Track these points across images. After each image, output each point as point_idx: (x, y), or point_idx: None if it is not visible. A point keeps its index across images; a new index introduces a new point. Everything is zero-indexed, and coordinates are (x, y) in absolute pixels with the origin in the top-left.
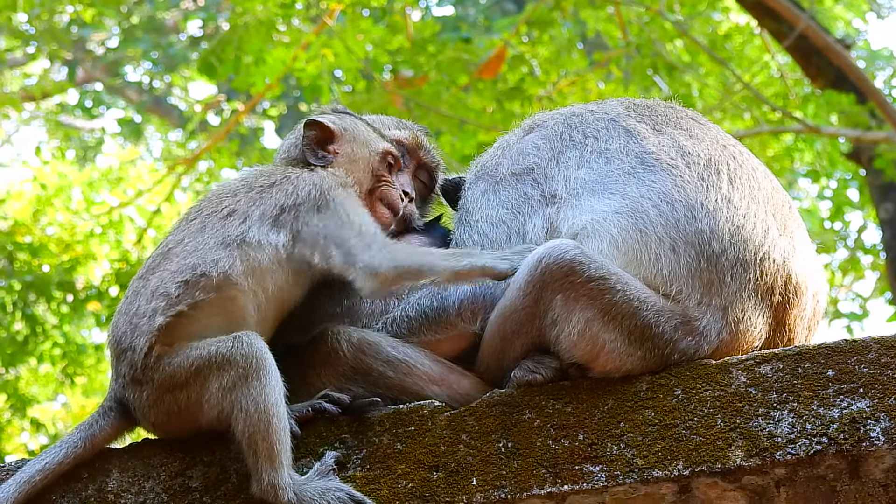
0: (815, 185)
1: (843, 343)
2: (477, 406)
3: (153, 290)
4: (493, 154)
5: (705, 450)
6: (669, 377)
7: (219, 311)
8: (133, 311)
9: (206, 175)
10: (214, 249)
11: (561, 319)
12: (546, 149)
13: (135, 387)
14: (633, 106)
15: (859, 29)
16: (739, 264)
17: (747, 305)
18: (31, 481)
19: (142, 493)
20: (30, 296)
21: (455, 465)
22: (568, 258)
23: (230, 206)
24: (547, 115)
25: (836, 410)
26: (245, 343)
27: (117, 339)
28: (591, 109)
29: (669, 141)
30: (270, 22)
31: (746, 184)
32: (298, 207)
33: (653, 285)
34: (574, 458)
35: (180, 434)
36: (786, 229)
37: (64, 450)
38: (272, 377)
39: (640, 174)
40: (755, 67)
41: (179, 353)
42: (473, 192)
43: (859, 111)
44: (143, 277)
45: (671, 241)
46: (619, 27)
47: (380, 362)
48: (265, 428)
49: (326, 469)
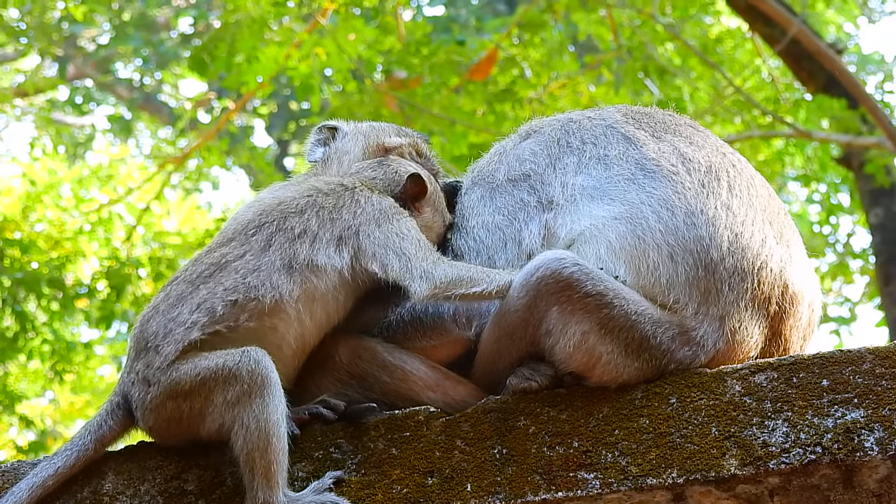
0: (806, 189)
1: (838, 353)
2: (472, 412)
3: (199, 303)
4: (490, 160)
5: (699, 458)
6: (664, 385)
7: (255, 338)
8: (173, 315)
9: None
10: (278, 273)
11: (556, 331)
12: (543, 155)
13: (143, 386)
14: (631, 113)
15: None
16: (737, 273)
17: (744, 315)
18: (45, 485)
19: (137, 496)
20: (19, 292)
21: (450, 471)
22: (566, 274)
23: (300, 226)
24: (544, 121)
25: (831, 420)
26: (252, 359)
27: (146, 336)
28: (588, 116)
29: (669, 147)
30: (262, 20)
31: (745, 191)
32: (361, 224)
33: (650, 294)
34: (569, 465)
35: (177, 442)
36: (782, 238)
37: (76, 453)
38: (276, 395)
39: (640, 180)
40: (746, 71)
41: (188, 360)
42: (470, 198)
43: (850, 116)
44: (192, 283)
45: (669, 249)
46: (611, 30)
47: (375, 367)
48: (264, 446)
49: (322, 488)
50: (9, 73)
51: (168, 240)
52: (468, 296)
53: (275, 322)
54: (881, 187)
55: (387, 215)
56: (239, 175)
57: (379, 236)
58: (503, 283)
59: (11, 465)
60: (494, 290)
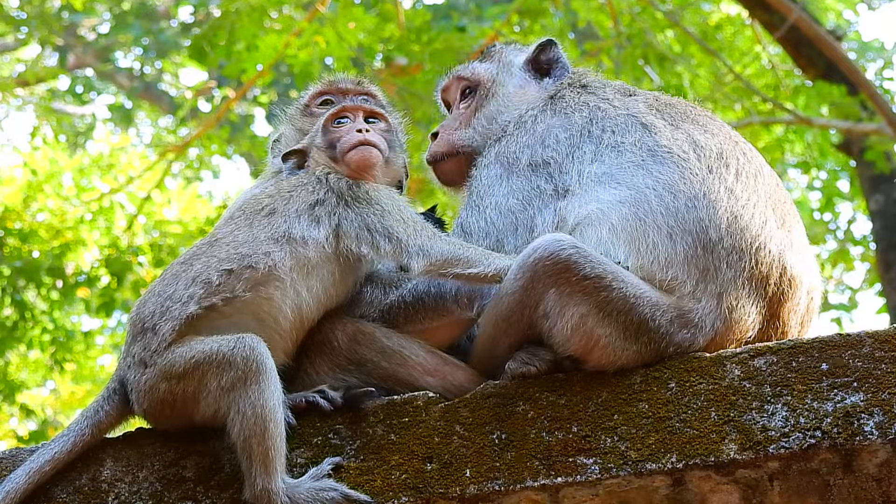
0: (806, 176)
1: (837, 337)
2: (471, 398)
3: (194, 277)
4: (513, 132)
5: (699, 443)
6: (663, 370)
7: (250, 311)
8: (168, 293)
9: (196, 162)
10: (266, 243)
11: (553, 313)
12: (566, 143)
13: (139, 368)
14: (656, 103)
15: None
16: (735, 252)
17: (741, 293)
18: (42, 471)
19: (136, 483)
20: (19, 282)
21: (449, 457)
22: (564, 256)
23: (269, 204)
24: (572, 102)
25: (830, 404)
26: (247, 345)
27: (142, 317)
28: (615, 105)
29: (684, 135)
30: (262, 8)
31: (752, 178)
32: (326, 201)
33: (649, 272)
34: (568, 451)
35: (171, 426)
36: (784, 224)
37: (72, 438)
38: (271, 382)
39: (649, 166)
40: (746, 58)
41: (185, 343)
42: (488, 174)
43: (850, 102)
44: (185, 262)
45: (669, 229)
46: (611, 17)
47: (374, 353)
48: (261, 432)
49: (321, 474)
50: (9, 62)
51: (169, 228)
52: (464, 276)
53: (270, 292)
54: (881, 174)
55: (353, 192)
56: (240, 164)
57: (354, 216)
58: (501, 267)
59: (9, 452)
60: (491, 273)
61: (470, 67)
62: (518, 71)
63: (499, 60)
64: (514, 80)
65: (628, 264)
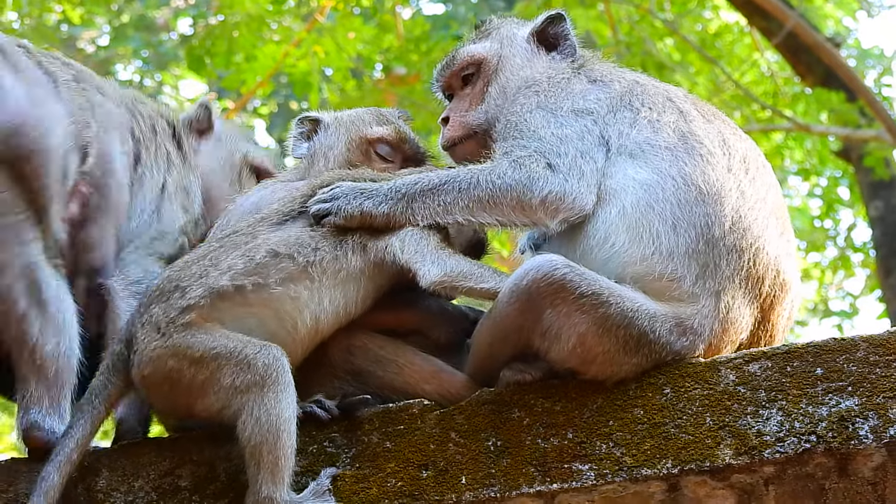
0: (806, 183)
1: (832, 341)
2: (466, 405)
3: (245, 252)
4: (552, 90)
5: (694, 448)
6: (658, 376)
7: (274, 307)
8: (213, 262)
9: None
10: (319, 239)
11: (550, 334)
12: (606, 103)
13: (152, 332)
14: (690, 97)
15: (849, 27)
16: (735, 251)
17: (738, 293)
18: (71, 460)
19: (131, 492)
20: None
21: (444, 464)
22: (559, 276)
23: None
24: (613, 73)
25: (825, 409)
26: (271, 354)
27: (177, 278)
28: (653, 83)
29: (715, 131)
30: (261, 18)
31: (764, 188)
32: None
33: (650, 264)
34: (563, 457)
35: (164, 406)
36: (782, 234)
37: (90, 419)
38: (289, 393)
39: (678, 153)
40: (745, 66)
41: (209, 331)
42: (534, 116)
43: (849, 109)
44: (247, 234)
45: (674, 220)
46: (609, 25)
47: (369, 363)
48: (273, 441)
49: (322, 489)
50: None
51: None
52: (475, 291)
53: (300, 290)
54: (881, 180)
55: None
56: None
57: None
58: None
59: (4, 462)
60: (501, 290)
61: (467, 49)
62: (523, 43)
63: (499, 35)
64: (520, 53)
65: (627, 252)
